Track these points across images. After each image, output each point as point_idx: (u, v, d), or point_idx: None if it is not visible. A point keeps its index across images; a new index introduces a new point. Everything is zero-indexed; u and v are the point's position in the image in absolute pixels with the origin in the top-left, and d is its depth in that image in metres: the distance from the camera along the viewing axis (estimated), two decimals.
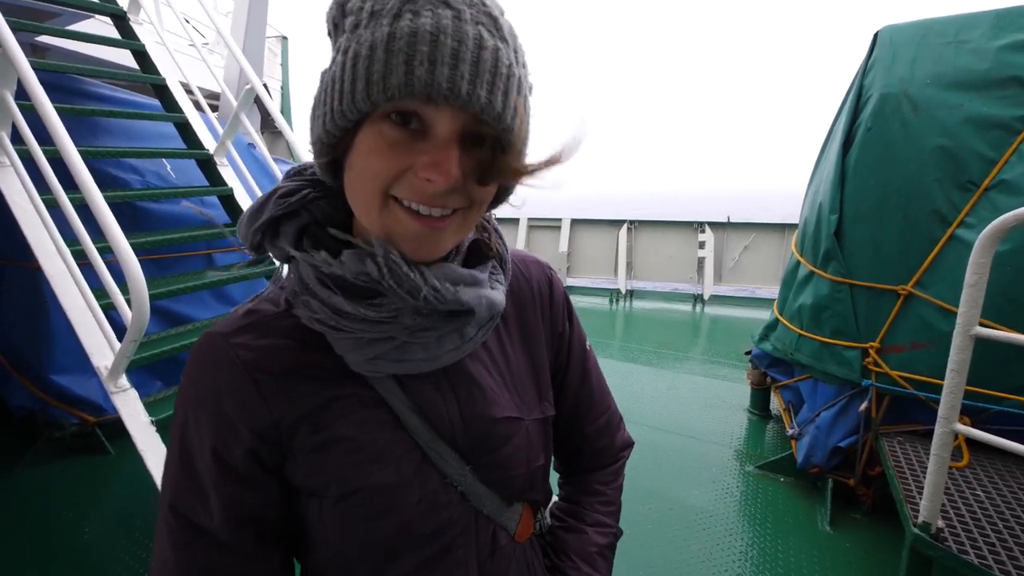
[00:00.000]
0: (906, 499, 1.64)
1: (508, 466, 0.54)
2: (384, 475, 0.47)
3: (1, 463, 2.52)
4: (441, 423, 0.50)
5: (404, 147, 0.39)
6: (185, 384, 0.47)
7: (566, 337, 0.64)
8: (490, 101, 0.38)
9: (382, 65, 0.36)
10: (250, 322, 0.48)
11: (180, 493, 0.47)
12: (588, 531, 0.64)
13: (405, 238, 0.42)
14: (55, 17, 3.27)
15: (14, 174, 1.86)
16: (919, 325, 1.94)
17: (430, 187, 0.39)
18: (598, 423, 0.67)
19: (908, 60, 2.01)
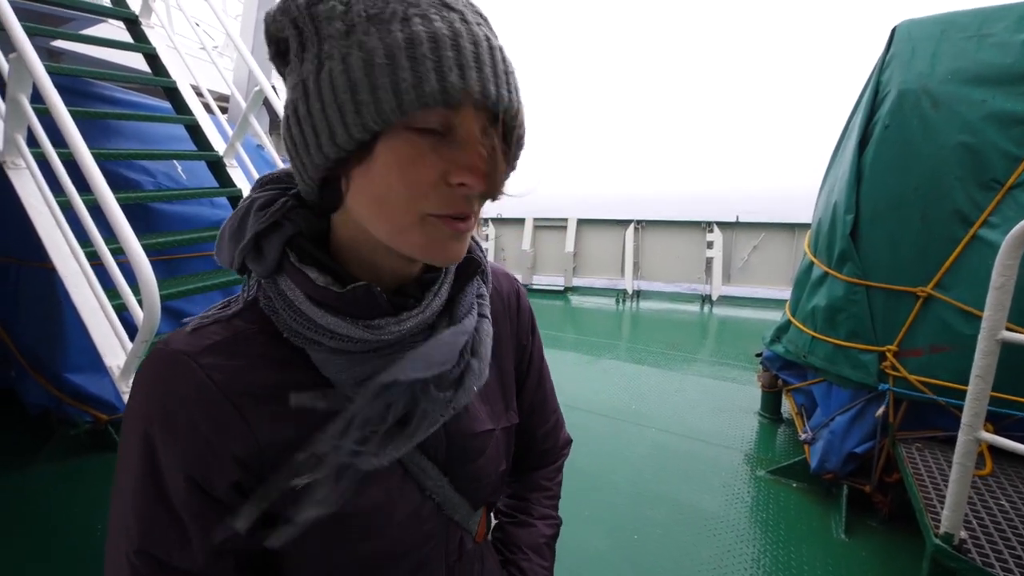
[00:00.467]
0: (926, 508, 1.59)
1: (481, 475, 0.55)
2: (375, 495, 0.46)
3: (17, 459, 2.56)
4: (426, 440, 0.49)
5: (435, 154, 0.37)
6: (147, 410, 0.41)
7: (528, 348, 0.66)
8: (510, 100, 0.39)
9: (409, 72, 0.34)
10: (217, 341, 0.43)
11: (151, 534, 0.41)
12: (537, 524, 0.69)
13: (436, 246, 0.41)
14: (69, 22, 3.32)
15: (30, 176, 1.89)
16: (939, 328, 1.88)
17: (465, 191, 0.38)
18: (547, 426, 0.71)
19: (928, 55, 1.95)
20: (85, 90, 2.62)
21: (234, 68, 3.75)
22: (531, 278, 6.75)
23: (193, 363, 0.41)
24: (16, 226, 2.34)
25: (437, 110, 0.36)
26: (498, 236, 7.09)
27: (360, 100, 0.36)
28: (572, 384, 3.56)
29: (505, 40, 0.42)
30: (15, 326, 2.67)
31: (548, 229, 6.80)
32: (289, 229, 0.44)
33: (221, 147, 2.64)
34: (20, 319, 2.64)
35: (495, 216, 7.22)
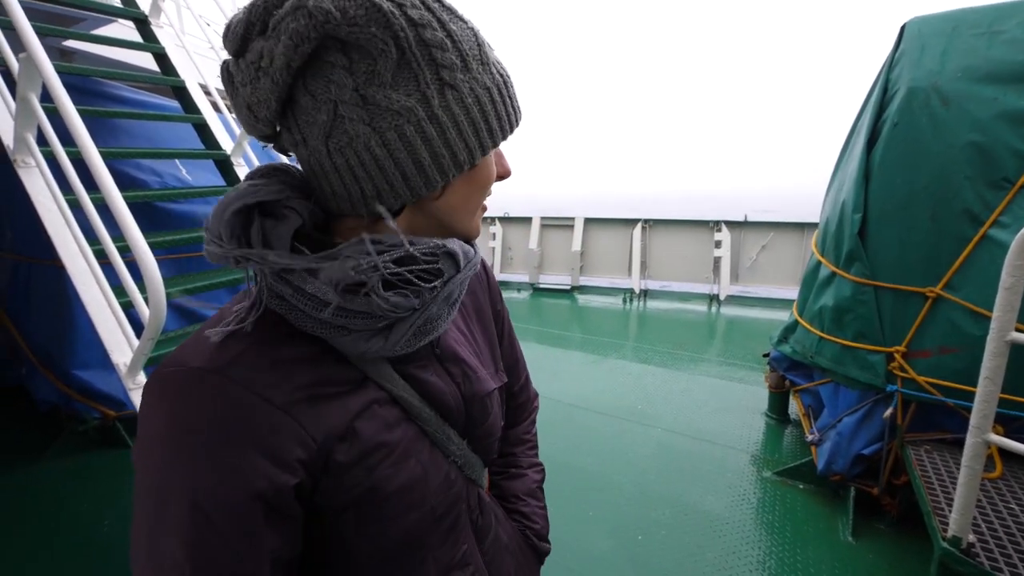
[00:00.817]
0: (934, 511, 1.57)
1: (491, 433, 0.61)
2: (413, 470, 0.49)
3: (27, 455, 2.60)
4: (447, 407, 0.54)
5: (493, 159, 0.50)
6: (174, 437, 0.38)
7: (502, 313, 0.74)
8: None
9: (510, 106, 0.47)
10: (241, 352, 0.42)
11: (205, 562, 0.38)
12: (528, 472, 0.77)
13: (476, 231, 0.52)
14: (80, 22, 3.35)
15: (39, 174, 1.91)
16: (948, 329, 1.86)
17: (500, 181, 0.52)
18: (521, 382, 0.79)
19: (938, 52, 1.93)
20: (95, 89, 2.65)
21: None
22: (538, 277, 6.74)
23: (227, 380, 0.40)
24: (27, 224, 2.37)
25: None
26: (505, 235, 7.08)
27: (490, 125, 0.45)
28: (577, 383, 3.55)
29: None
30: (26, 323, 2.71)
31: (555, 228, 6.79)
32: (295, 221, 0.43)
33: (229, 146, 2.66)
34: (31, 316, 2.67)
35: (502, 215, 7.22)
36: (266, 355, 0.42)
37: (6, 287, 2.75)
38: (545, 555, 0.76)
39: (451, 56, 0.41)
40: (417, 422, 0.51)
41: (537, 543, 0.74)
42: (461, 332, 0.61)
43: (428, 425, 0.52)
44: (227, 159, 2.63)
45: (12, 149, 1.92)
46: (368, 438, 0.46)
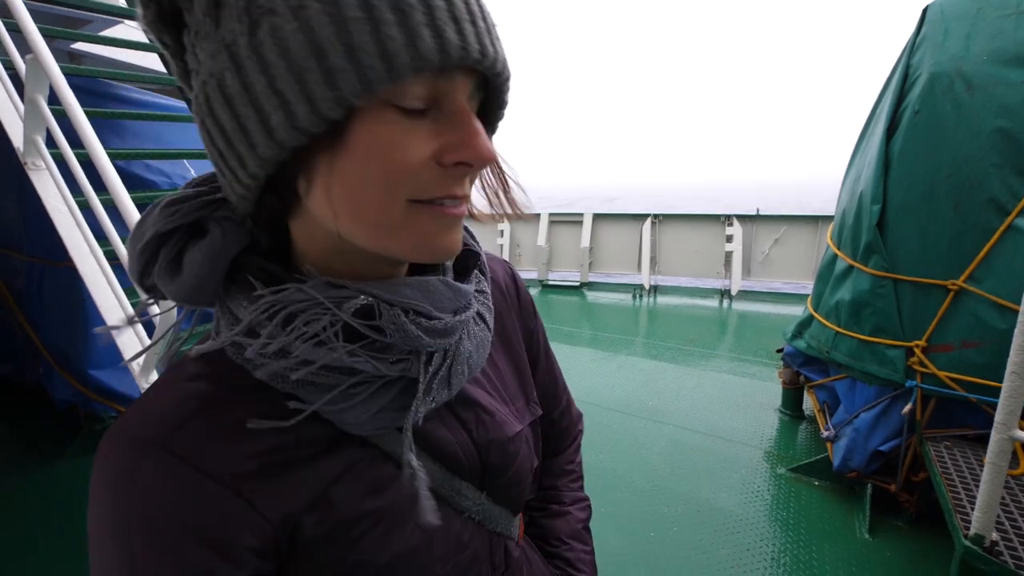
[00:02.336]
0: (955, 508, 1.53)
1: (518, 481, 0.51)
2: (411, 537, 0.40)
3: (46, 454, 2.64)
4: (456, 460, 0.45)
5: (421, 131, 0.31)
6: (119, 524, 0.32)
7: (535, 332, 0.62)
8: (501, 58, 0.32)
9: (398, 29, 0.27)
10: (192, 411, 0.34)
11: None
12: (571, 510, 0.65)
13: (432, 241, 0.34)
14: (88, 24, 3.37)
15: (49, 176, 1.92)
16: (971, 322, 1.81)
17: (461, 171, 0.32)
18: (561, 406, 0.67)
19: (962, 35, 1.86)
20: (103, 91, 2.66)
21: None
22: (547, 273, 6.72)
23: (167, 454, 0.32)
24: (40, 226, 2.40)
25: (426, 76, 0.30)
26: (513, 231, 7.06)
27: (331, 67, 0.27)
28: (587, 380, 3.53)
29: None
30: (42, 324, 2.75)
31: (564, 224, 6.74)
32: (222, 241, 0.35)
33: None
34: (46, 317, 2.71)
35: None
36: (219, 416, 0.34)
37: (22, 288, 2.79)
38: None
39: None
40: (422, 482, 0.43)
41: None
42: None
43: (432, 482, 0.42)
44: None
45: (22, 152, 1.93)
46: (348, 507, 0.37)
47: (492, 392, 0.50)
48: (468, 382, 0.47)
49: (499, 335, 0.54)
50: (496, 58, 0.31)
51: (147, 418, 0.34)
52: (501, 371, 0.53)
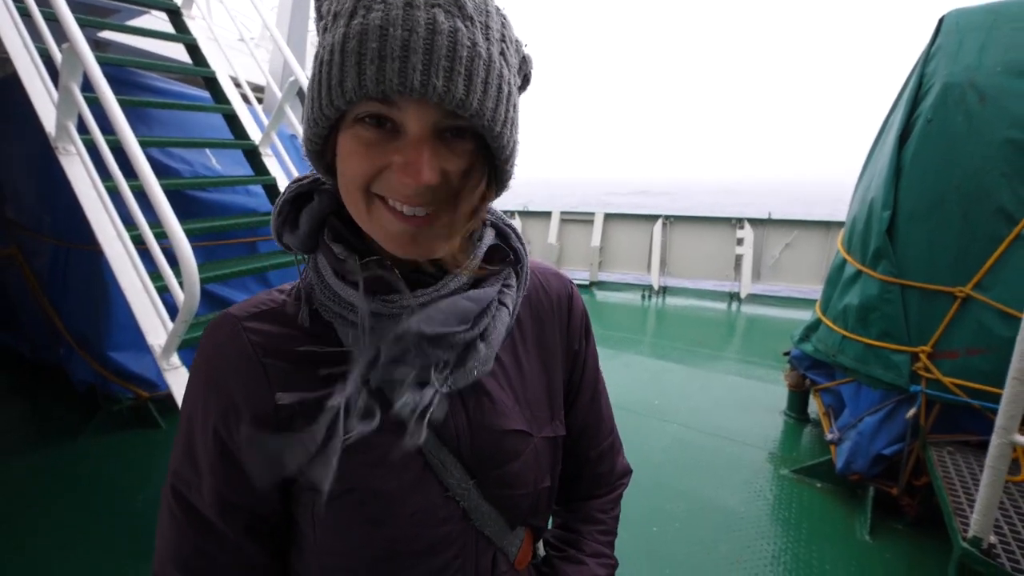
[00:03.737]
0: (955, 512, 1.56)
1: (514, 484, 0.51)
2: (385, 480, 0.45)
3: (66, 432, 2.72)
4: (446, 430, 0.48)
5: (380, 146, 0.38)
6: (198, 361, 0.47)
7: (581, 355, 0.61)
8: (448, 89, 0.35)
9: (339, 69, 0.36)
10: (265, 309, 0.48)
11: (180, 469, 0.47)
12: (589, 562, 0.61)
13: (392, 239, 0.41)
14: (115, 13, 3.44)
15: (79, 161, 1.98)
16: (976, 330, 1.83)
17: (405, 189, 0.38)
18: (601, 447, 0.65)
19: (976, 47, 1.87)
20: (129, 79, 2.73)
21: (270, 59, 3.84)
22: None
23: (239, 325, 0.46)
24: (65, 209, 2.47)
25: (371, 103, 0.37)
26: (524, 229, 7.10)
27: (315, 96, 0.39)
28: None
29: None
30: (63, 306, 2.82)
31: (574, 223, 6.77)
32: (318, 205, 0.46)
33: (257, 136, 2.72)
34: (68, 299, 2.78)
35: (521, 209, 7.23)
36: (280, 318, 0.47)
37: (45, 270, 2.86)
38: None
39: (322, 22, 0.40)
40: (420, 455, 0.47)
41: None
42: (499, 360, 0.51)
43: (423, 443, 0.45)
44: (255, 149, 2.69)
45: (54, 137, 1.99)
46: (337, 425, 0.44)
47: (505, 386, 0.51)
48: None
49: (536, 342, 0.55)
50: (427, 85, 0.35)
51: (242, 306, 0.48)
52: (525, 374, 0.54)
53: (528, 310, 0.55)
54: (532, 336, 0.55)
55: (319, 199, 0.46)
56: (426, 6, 0.35)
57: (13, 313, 3.41)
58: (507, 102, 0.39)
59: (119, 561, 1.87)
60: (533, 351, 0.55)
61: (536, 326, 0.56)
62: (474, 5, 0.37)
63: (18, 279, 3.12)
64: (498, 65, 0.38)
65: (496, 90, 0.38)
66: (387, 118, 0.38)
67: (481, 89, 0.36)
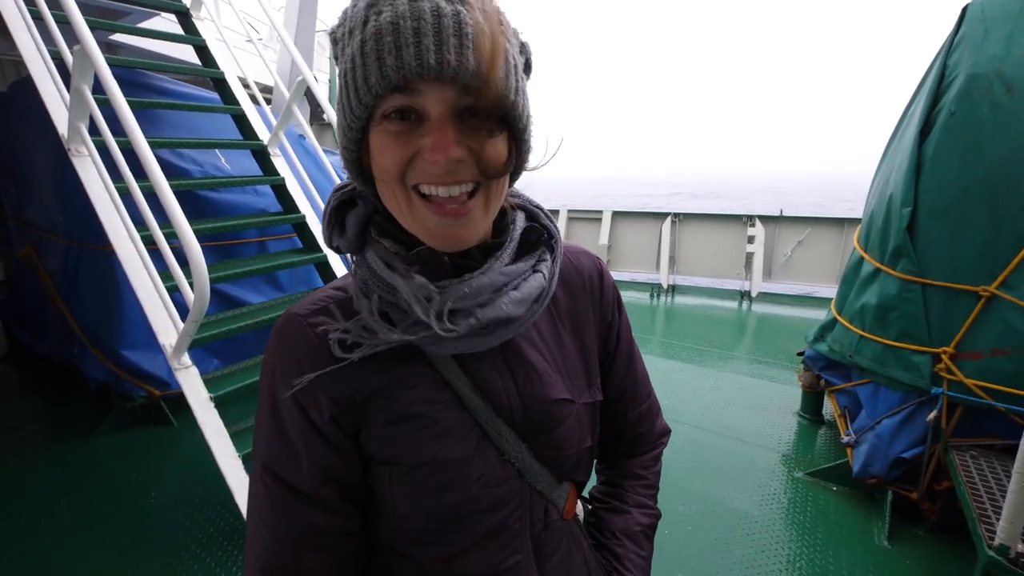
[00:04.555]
0: (979, 518, 1.51)
1: (561, 446, 0.56)
2: (450, 450, 0.50)
3: (79, 430, 2.76)
4: (500, 402, 0.53)
5: (407, 136, 0.42)
6: (269, 359, 0.51)
7: (615, 326, 0.66)
8: (461, 63, 0.38)
9: (362, 70, 0.40)
10: (323, 306, 0.51)
11: (273, 454, 0.50)
12: (632, 511, 0.68)
13: (432, 232, 0.45)
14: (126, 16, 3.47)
15: (91, 163, 2.00)
16: (1002, 330, 1.77)
17: (436, 168, 0.41)
18: (640, 409, 0.70)
19: (1002, 36, 1.81)
20: (140, 81, 2.75)
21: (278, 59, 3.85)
22: None
23: (304, 322, 0.50)
24: (77, 210, 2.49)
25: (395, 97, 0.40)
26: None
27: (344, 105, 0.43)
28: None
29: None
30: (77, 305, 2.86)
31: (582, 221, 6.73)
32: (363, 209, 0.51)
33: (265, 136, 2.73)
34: (81, 298, 2.82)
35: None
36: (339, 312, 0.50)
37: (59, 270, 2.90)
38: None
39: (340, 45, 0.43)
40: (469, 410, 0.52)
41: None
42: (541, 336, 0.57)
43: (478, 416, 0.52)
44: (264, 149, 2.70)
45: (66, 139, 2.01)
46: (408, 404, 0.50)
47: (548, 359, 0.57)
48: (527, 344, 0.55)
49: (570, 315, 0.61)
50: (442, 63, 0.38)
51: (303, 304, 0.52)
52: (565, 346, 0.60)
53: (562, 287, 0.60)
54: (566, 311, 0.61)
55: (362, 204, 0.51)
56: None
57: (29, 312, 3.47)
58: (515, 73, 0.43)
59: (128, 558, 1.89)
60: (568, 325, 0.61)
61: (570, 301, 0.61)
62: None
63: (34, 279, 3.17)
64: (501, 39, 0.41)
65: (503, 61, 0.41)
66: (410, 109, 0.41)
67: (489, 60, 0.39)
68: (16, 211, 3.27)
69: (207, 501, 2.18)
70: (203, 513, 2.12)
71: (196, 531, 2.02)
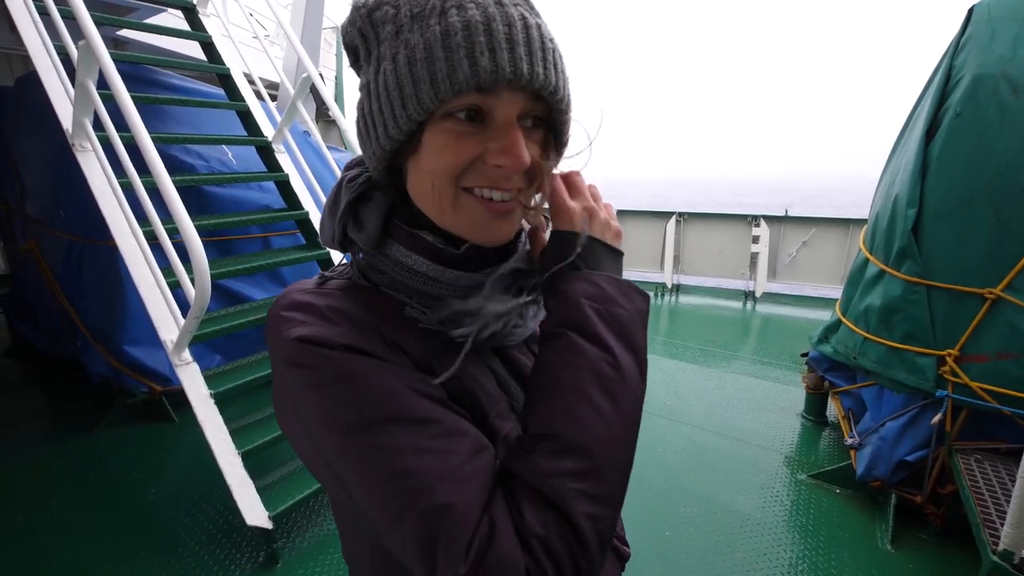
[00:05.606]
0: (984, 523, 1.50)
1: None
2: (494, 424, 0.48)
3: (82, 425, 2.76)
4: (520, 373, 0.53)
5: (471, 138, 0.41)
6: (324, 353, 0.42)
7: None
8: (546, 77, 0.40)
9: (444, 63, 0.38)
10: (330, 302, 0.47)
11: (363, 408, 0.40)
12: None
13: (476, 226, 0.44)
14: (133, 11, 3.48)
15: (95, 158, 2.00)
16: (1008, 333, 1.75)
17: (502, 172, 0.41)
18: None
19: (1009, 37, 1.79)
20: (146, 77, 2.75)
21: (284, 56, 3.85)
22: None
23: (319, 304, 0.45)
24: (80, 205, 2.50)
25: (472, 95, 0.39)
26: None
27: (405, 94, 0.40)
28: None
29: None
30: (80, 300, 2.87)
31: None
32: (382, 200, 0.48)
33: (270, 133, 2.73)
34: (84, 294, 2.82)
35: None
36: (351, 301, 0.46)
37: (62, 265, 2.91)
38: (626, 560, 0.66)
39: (390, 26, 0.41)
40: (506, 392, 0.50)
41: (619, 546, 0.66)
42: None
43: (516, 401, 0.50)
44: (268, 145, 2.70)
45: (71, 134, 2.01)
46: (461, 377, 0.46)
47: None
48: None
49: None
50: (533, 75, 0.39)
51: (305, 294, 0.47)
52: None
53: None
54: None
55: (384, 196, 0.48)
56: (512, 4, 0.40)
57: (31, 306, 3.48)
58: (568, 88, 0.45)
59: (128, 556, 1.89)
60: None
61: None
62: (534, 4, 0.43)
63: (36, 273, 3.18)
64: (562, 54, 0.43)
65: (566, 77, 0.43)
66: (480, 110, 0.40)
67: (563, 77, 0.42)
68: (20, 205, 3.29)
69: (207, 498, 2.18)
70: (203, 511, 2.12)
71: (196, 529, 2.02)
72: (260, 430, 1.96)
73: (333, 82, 6.59)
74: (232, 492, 1.74)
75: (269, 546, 1.84)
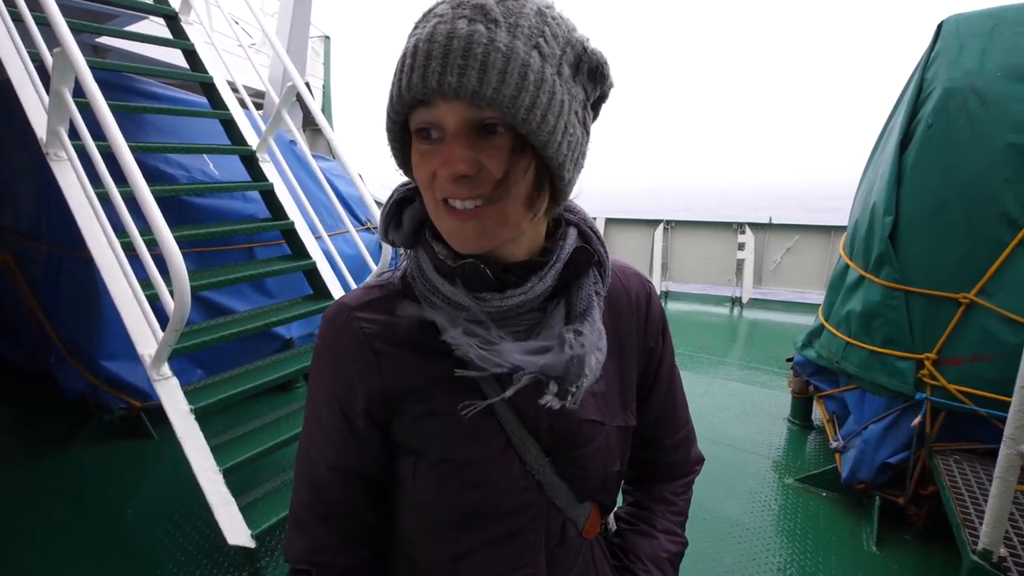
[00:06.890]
0: (964, 523, 1.53)
1: (585, 466, 0.56)
2: (475, 451, 0.52)
3: (56, 442, 2.67)
4: (527, 415, 0.53)
5: (431, 155, 0.44)
6: (320, 348, 0.55)
7: (657, 352, 0.65)
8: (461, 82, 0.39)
9: (395, 80, 0.43)
10: (374, 298, 0.54)
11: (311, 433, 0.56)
12: (660, 537, 0.66)
13: (449, 233, 0.46)
14: (114, 19, 3.43)
15: (70, 167, 1.95)
16: (981, 336, 1.80)
17: (445, 181, 0.43)
18: (677, 436, 0.69)
19: (977, 51, 1.86)
20: (126, 85, 2.71)
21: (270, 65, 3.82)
22: None
23: (353, 315, 0.53)
24: (60, 216, 2.43)
25: (420, 111, 0.42)
26: None
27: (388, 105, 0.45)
28: None
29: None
30: (56, 313, 2.78)
31: None
32: (420, 207, 0.51)
33: (255, 142, 2.70)
34: (61, 306, 2.74)
35: None
36: (388, 308, 0.52)
37: (38, 277, 2.82)
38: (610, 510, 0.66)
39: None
40: (496, 416, 0.52)
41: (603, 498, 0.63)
42: None
43: (504, 423, 0.52)
44: (252, 154, 2.67)
45: (45, 142, 1.97)
46: (435, 403, 0.52)
47: None
48: None
49: (612, 335, 0.58)
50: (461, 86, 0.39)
51: (355, 295, 0.55)
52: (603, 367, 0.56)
53: (608, 308, 0.59)
54: (609, 331, 0.57)
55: (420, 202, 0.51)
56: (452, 19, 0.40)
57: (6, 320, 3.37)
58: (537, 89, 0.40)
59: (105, 573, 1.82)
60: (611, 344, 0.57)
61: (613, 322, 0.59)
62: (502, 9, 0.40)
63: (11, 286, 3.09)
64: (522, 56, 0.40)
65: (518, 78, 0.39)
66: (433, 125, 0.42)
67: (497, 79, 0.39)
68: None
69: (188, 517, 2.12)
70: (183, 530, 2.06)
71: (176, 549, 1.96)
72: (243, 446, 1.91)
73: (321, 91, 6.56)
74: (213, 511, 1.69)
75: (252, 566, 1.79)
